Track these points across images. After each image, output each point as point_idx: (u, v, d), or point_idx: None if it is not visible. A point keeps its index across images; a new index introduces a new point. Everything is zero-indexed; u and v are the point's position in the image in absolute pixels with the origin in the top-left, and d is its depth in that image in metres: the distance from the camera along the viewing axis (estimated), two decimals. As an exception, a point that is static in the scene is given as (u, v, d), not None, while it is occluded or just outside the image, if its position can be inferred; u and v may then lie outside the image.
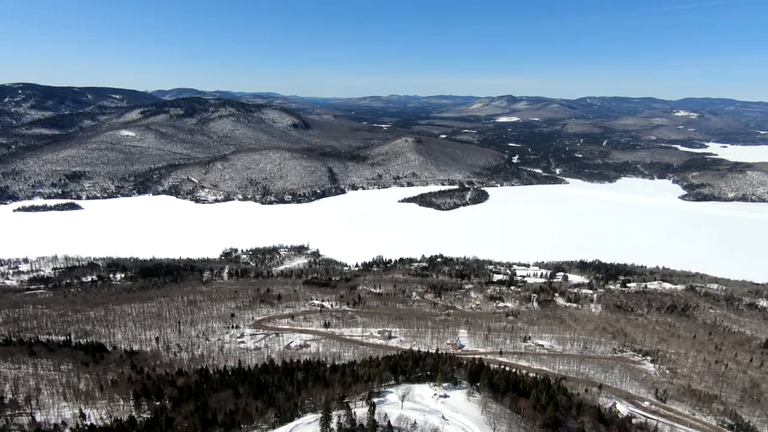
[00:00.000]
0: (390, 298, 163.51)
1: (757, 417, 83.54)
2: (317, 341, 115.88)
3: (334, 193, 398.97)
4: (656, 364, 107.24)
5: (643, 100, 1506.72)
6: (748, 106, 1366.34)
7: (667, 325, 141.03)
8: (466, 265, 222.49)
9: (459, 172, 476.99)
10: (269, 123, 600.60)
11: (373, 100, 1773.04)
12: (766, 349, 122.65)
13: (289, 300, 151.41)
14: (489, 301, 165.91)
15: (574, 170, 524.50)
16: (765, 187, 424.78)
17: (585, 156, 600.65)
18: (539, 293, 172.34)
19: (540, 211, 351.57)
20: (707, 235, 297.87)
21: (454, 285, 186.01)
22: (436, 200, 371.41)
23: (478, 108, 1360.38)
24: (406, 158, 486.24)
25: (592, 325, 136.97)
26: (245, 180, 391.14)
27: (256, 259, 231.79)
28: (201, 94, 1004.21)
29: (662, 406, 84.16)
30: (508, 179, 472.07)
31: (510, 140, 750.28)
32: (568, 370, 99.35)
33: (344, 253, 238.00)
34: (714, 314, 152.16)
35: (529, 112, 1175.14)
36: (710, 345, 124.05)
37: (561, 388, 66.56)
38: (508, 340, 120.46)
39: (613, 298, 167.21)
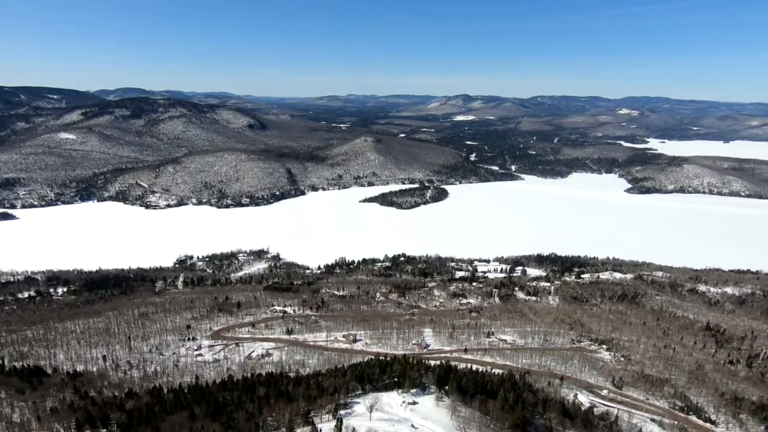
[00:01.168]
0: (354, 300, 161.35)
1: (703, 397, 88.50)
2: (280, 349, 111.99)
3: (294, 195, 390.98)
4: (611, 352, 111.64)
5: (589, 99, 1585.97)
6: (682, 104, 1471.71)
7: (619, 313, 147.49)
8: (429, 264, 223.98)
9: (419, 171, 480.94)
10: (223, 124, 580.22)
11: (331, 100, 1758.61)
12: (708, 332, 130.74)
13: (250, 307, 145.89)
14: (452, 298, 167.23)
15: (528, 167, 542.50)
16: (699, 179, 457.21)
17: (538, 153, 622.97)
18: (500, 288, 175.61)
19: (498, 207, 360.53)
20: (651, 226, 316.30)
21: (418, 284, 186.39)
22: (397, 199, 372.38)
23: (436, 107, 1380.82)
24: (366, 158, 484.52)
25: (551, 317, 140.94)
26: (199, 183, 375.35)
27: (213, 265, 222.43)
28: (149, 93, 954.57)
29: (619, 393, 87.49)
30: (467, 177, 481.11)
31: (467, 139, 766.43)
32: (530, 364, 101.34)
33: (306, 256, 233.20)
34: (660, 301, 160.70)
35: (484, 110, 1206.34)
36: (658, 330, 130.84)
37: (526, 384, 67.46)
38: (473, 336, 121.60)
39: (569, 290, 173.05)
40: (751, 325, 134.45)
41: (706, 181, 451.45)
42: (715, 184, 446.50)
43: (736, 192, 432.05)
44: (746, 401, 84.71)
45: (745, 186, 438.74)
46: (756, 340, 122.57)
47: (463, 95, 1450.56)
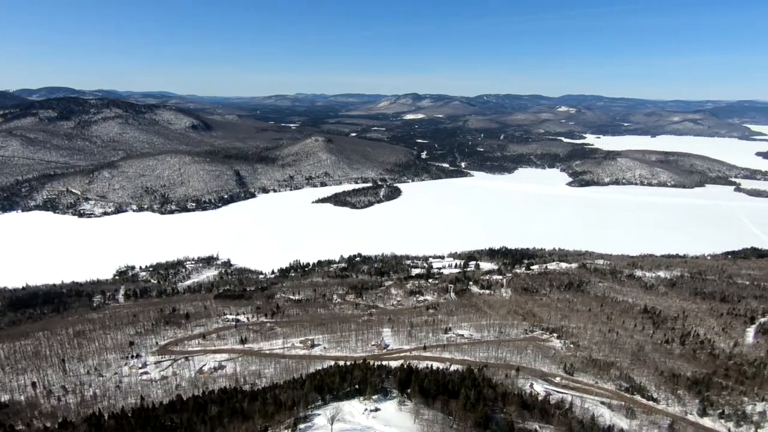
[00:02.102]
0: (310, 304, 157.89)
1: (645, 377, 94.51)
2: (234, 360, 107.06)
3: (244, 198, 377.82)
4: (562, 339, 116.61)
5: (531, 97, 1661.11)
6: (614, 102, 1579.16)
7: (566, 301, 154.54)
8: (385, 262, 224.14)
9: (371, 170, 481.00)
10: (164, 125, 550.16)
11: (279, 99, 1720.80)
12: (645, 314, 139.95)
13: (200, 318, 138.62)
14: (409, 296, 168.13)
15: (477, 163, 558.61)
16: (632, 172, 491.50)
17: (486, 150, 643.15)
18: (455, 283, 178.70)
19: (450, 204, 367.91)
20: (591, 217, 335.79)
21: (375, 283, 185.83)
22: (350, 199, 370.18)
23: (386, 106, 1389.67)
24: (318, 158, 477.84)
25: (504, 309, 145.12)
26: (140, 188, 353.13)
27: (158, 275, 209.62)
28: (79, 93, 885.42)
29: (571, 379, 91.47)
30: (419, 175, 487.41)
31: (418, 137, 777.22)
32: (487, 357, 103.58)
33: (258, 261, 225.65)
34: (603, 287, 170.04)
35: (433, 109, 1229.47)
36: (602, 316, 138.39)
37: (486, 379, 68.58)
38: (431, 333, 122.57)
39: (520, 282, 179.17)
40: (682, 306, 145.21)
41: (638, 173, 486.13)
42: (645, 175, 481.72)
43: (663, 182, 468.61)
44: (682, 378, 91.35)
45: (671, 177, 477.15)
46: (687, 319, 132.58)
47: (412, 94, 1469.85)
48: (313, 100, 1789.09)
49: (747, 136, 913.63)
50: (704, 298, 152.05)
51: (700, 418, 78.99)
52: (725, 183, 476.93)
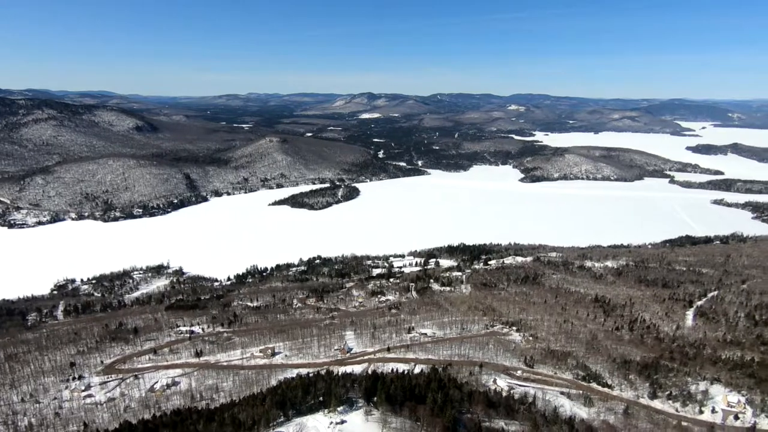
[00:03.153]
0: (270, 310, 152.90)
1: (600, 364, 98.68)
2: (188, 375, 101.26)
3: (195, 202, 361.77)
4: (521, 332, 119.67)
5: (483, 96, 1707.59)
6: (559, 101, 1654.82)
7: (523, 294, 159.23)
8: (346, 264, 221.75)
9: (329, 170, 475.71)
10: (105, 126, 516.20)
11: (230, 99, 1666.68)
12: (596, 303, 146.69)
13: (150, 332, 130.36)
14: (371, 296, 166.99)
15: (433, 161, 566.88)
16: (578, 167, 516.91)
17: (441, 148, 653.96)
18: (416, 282, 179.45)
19: (408, 202, 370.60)
20: (543, 211, 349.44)
21: (336, 285, 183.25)
22: (308, 200, 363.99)
23: (341, 105, 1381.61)
24: (273, 159, 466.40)
25: (465, 305, 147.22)
26: (79, 195, 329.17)
27: (102, 288, 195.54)
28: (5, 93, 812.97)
29: (532, 371, 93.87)
30: (377, 174, 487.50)
31: (374, 136, 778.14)
32: (451, 354, 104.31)
33: (213, 268, 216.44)
34: (556, 279, 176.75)
35: (388, 108, 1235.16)
36: (557, 307, 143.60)
37: (451, 380, 68.55)
38: (394, 334, 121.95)
39: (479, 277, 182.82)
40: (628, 293, 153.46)
41: (584, 168, 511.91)
42: (590, 170, 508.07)
43: (607, 177, 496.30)
44: (633, 363, 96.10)
45: (614, 171, 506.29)
46: (633, 306, 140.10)
47: (367, 93, 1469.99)
48: (266, 100, 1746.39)
49: (678, 132, 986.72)
50: (648, 285, 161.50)
51: (651, 400, 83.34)
52: (661, 176, 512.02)
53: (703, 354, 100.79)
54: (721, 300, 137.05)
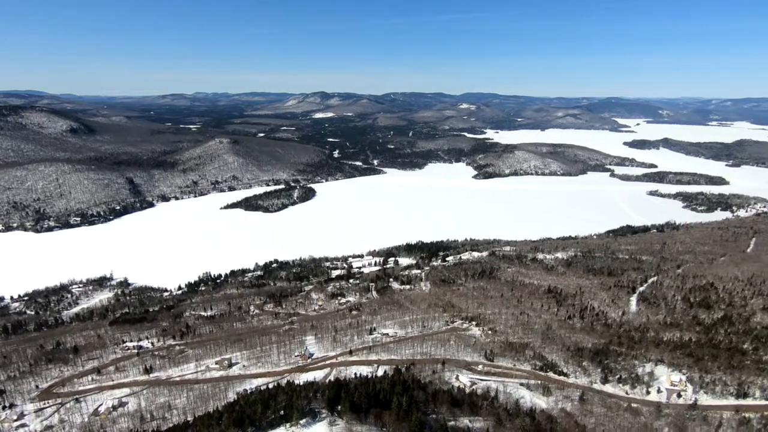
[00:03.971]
0: (225, 319, 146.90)
1: (555, 354, 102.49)
2: (137, 395, 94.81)
3: (140, 208, 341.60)
4: (480, 327, 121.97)
5: (435, 95, 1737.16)
6: (507, 99, 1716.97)
7: (481, 289, 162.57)
8: (304, 266, 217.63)
9: (283, 171, 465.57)
10: (34, 129, 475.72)
11: (176, 99, 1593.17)
12: (549, 294, 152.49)
13: (92, 350, 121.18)
14: (331, 299, 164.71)
15: (389, 160, 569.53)
16: (528, 163, 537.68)
17: (396, 147, 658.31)
18: (376, 282, 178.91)
19: (366, 202, 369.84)
20: (496, 206, 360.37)
21: (294, 289, 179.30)
22: (263, 202, 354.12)
23: (294, 105, 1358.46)
24: (224, 161, 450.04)
25: (425, 303, 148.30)
26: (5, 204, 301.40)
27: (35, 305, 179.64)
28: None
29: (492, 365, 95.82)
30: (332, 174, 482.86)
31: (329, 135, 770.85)
32: (413, 353, 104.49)
33: (162, 277, 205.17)
34: (511, 272, 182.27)
35: (342, 107, 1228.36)
36: (513, 299, 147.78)
37: (416, 381, 68.31)
38: (356, 336, 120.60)
39: (438, 274, 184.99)
40: (578, 283, 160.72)
41: (532, 164, 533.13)
42: (539, 166, 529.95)
43: (554, 171, 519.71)
44: (585, 350, 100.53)
45: (560, 166, 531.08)
46: (583, 295, 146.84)
47: (320, 92, 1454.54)
48: (214, 100, 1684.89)
49: (616, 128, 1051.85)
50: (595, 274, 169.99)
51: (603, 385, 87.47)
52: (602, 170, 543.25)
53: (647, 337, 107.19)
54: (660, 285, 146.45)
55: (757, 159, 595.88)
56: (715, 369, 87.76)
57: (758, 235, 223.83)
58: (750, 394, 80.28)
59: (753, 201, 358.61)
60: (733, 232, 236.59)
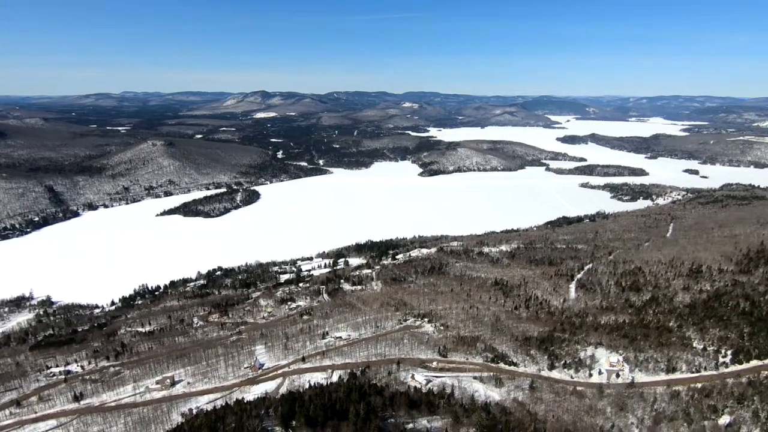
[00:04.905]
0: (166, 334, 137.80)
1: (505, 344, 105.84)
2: (65, 426, 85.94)
3: (63, 218, 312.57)
4: (432, 323, 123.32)
5: (378, 93, 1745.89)
6: (449, 98, 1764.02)
7: (431, 285, 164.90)
8: (250, 272, 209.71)
9: (224, 174, 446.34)
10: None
11: (100, 98, 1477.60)
12: (496, 286, 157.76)
13: (9, 379, 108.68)
14: (281, 304, 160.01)
15: (335, 160, 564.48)
16: (470, 160, 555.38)
17: (342, 146, 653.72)
18: (327, 284, 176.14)
19: (313, 203, 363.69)
20: (442, 203, 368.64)
21: (241, 297, 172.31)
22: (203, 207, 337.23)
23: (233, 104, 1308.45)
24: (158, 164, 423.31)
25: (377, 302, 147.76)
26: None
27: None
28: None
29: (446, 361, 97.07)
30: (277, 175, 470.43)
31: (271, 136, 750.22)
32: (368, 355, 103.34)
33: (92, 292, 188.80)
34: (459, 267, 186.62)
35: (284, 107, 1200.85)
36: (463, 294, 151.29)
37: (372, 386, 67.19)
38: (308, 341, 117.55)
39: (388, 272, 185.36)
40: (522, 274, 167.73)
41: (475, 161, 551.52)
42: (480, 162, 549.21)
43: (494, 167, 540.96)
44: (532, 339, 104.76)
45: (500, 162, 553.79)
46: (527, 285, 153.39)
47: (261, 92, 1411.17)
48: (145, 100, 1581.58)
49: (549, 125, 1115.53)
50: (537, 265, 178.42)
51: (550, 371, 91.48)
52: (538, 164, 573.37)
53: (586, 322, 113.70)
54: (595, 271, 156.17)
55: (671, 151, 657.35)
56: (647, 348, 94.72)
57: (675, 220, 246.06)
58: (678, 368, 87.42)
59: (669, 189, 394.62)
60: (654, 219, 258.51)
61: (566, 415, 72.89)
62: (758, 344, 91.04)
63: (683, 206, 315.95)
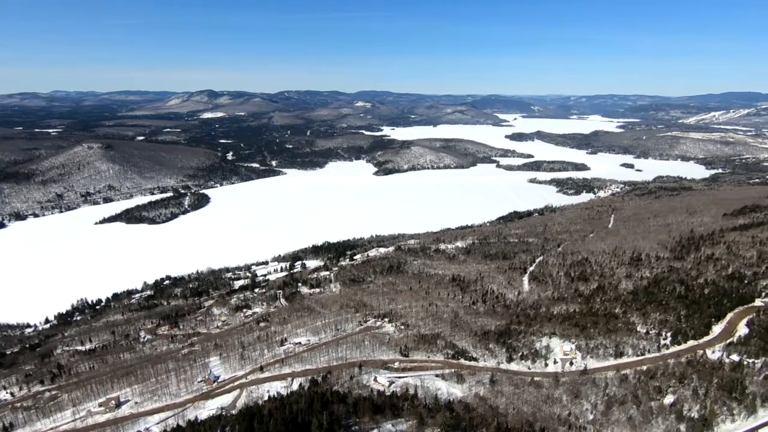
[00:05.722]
0: (109, 351, 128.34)
1: (464, 340, 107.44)
2: (-6, 462, 77.51)
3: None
4: (393, 323, 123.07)
5: (330, 93, 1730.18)
6: (401, 97, 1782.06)
7: (390, 284, 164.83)
8: (202, 280, 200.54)
9: (170, 177, 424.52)
10: None
11: (26, 98, 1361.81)
12: (453, 282, 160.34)
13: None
14: (236, 312, 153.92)
15: (288, 161, 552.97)
16: (424, 158, 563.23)
17: (295, 146, 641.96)
18: (284, 288, 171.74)
19: (267, 205, 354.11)
20: (398, 201, 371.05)
21: (193, 306, 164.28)
22: (148, 213, 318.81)
23: (177, 104, 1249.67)
24: (96, 169, 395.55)
25: (337, 305, 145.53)
26: None
27: None
28: None
29: (408, 360, 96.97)
30: (227, 178, 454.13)
31: (220, 137, 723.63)
32: (329, 360, 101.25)
33: (22, 310, 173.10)
34: (417, 265, 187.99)
35: (233, 106, 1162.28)
36: (422, 291, 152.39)
37: (334, 393, 65.44)
38: (266, 349, 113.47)
39: (347, 273, 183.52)
40: (478, 269, 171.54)
41: (428, 159, 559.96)
42: (434, 160, 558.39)
43: (447, 165, 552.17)
44: (490, 333, 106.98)
45: (453, 160, 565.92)
46: (483, 280, 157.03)
47: (208, 91, 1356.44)
48: (78, 100, 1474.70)
49: (497, 123, 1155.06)
50: (492, 259, 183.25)
51: (509, 364, 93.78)
52: (489, 161, 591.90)
53: (540, 313, 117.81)
54: (546, 263, 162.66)
55: (609, 147, 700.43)
56: (596, 335, 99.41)
57: (615, 212, 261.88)
58: (625, 353, 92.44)
59: (609, 183, 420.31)
60: (596, 211, 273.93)
61: (526, 406, 74.78)
62: (693, 325, 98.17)
63: (622, 198, 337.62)
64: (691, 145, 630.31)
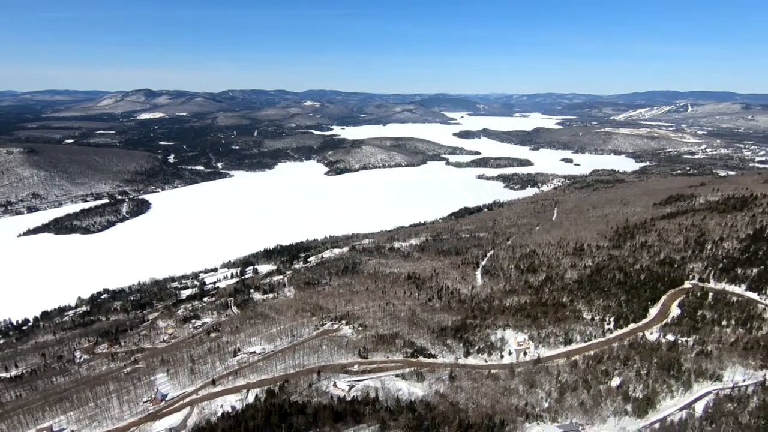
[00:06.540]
0: (39, 376, 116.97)
1: (422, 338, 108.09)
2: None
3: None
4: (350, 325, 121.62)
5: (277, 92, 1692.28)
6: (350, 96, 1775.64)
7: (346, 286, 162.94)
8: (145, 292, 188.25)
9: (105, 183, 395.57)
10: None
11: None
12: (409, 280, 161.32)
13: None
14: (183, 324, 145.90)
15: (235, 162, 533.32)
16: (375, 157, 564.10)
17: (242, 147, 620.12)
18: (235, 295, 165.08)
19: (213, 209, 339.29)
20: (351, 201, 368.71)
21: (135, 320, 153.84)
22: (81, 222, 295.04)
23: (111, 104, 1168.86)
24: (17, 175, 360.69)
25: (292, 309, 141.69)
26: None
27: None
28: None
29: (367, 362, 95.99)
30: (170, 181, 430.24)
31: (160, 138, 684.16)
32: (286, 368, 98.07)
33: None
34: (372, 264, 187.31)
35: (173, 107, 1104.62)
36: (378, 291, 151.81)
37: (293, 404, 63.02)
38: (218, 361, 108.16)
39: (301, 277, 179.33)
40: (432, 265, 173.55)
41: (379, 158, 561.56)
42: (385, 159, 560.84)
43: (399, 163, 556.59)
44: (447, 329, 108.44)
45: (404, 158, 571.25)
46: (438, 276, 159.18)
47: (144, 90, 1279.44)
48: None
49: (445, 121, 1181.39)
50: (445, 255, 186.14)
51: (466, 358, 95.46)
52: (439, 159, 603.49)
53: (494, 306, 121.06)
54: (497, 257, 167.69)
55: (549, 143, 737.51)
56: (547, 324, 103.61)
57: (558, 205, 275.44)
58: (573, 340, 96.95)
59: (551, 177, 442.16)
60: (541, 204, 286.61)
61: (485, 399, 76.22)
62: (633, 309, 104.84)
63: (563, 191, 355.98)
64: (622, 140, 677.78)
